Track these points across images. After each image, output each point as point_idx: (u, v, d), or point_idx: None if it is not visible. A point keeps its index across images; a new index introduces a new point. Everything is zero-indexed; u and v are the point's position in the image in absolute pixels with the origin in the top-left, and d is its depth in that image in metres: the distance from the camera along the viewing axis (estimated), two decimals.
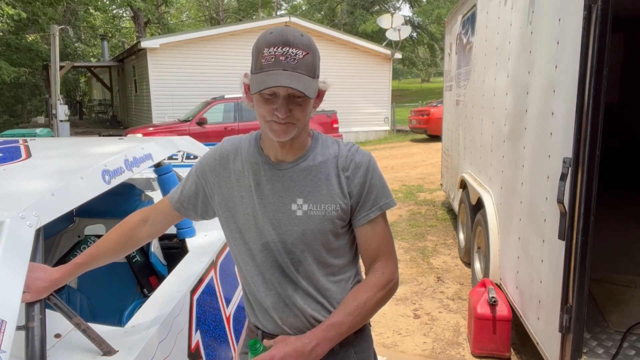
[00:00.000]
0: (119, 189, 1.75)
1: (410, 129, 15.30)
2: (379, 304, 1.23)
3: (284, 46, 1.08)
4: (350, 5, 32.11)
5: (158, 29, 31.11)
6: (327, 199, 1.20)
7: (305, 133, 1.24)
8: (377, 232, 1.25)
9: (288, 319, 1.24)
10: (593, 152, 1.99)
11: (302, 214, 1.20)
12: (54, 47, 11.28)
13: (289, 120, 1.13)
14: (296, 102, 1.12)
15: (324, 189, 1.20)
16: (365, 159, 1.24)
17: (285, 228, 1.20)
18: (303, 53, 1.10)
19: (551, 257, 2.34)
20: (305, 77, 1.10)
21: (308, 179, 1.21)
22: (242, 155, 1.28)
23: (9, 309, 1.00)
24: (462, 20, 5.12)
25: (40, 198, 1.26)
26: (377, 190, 1.24)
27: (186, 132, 10.25)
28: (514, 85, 3.07)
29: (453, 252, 5.09)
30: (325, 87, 1.20)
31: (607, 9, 1.89)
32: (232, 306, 2.07)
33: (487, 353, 3.02)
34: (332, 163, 1.23)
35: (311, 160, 1.23)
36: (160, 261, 2.08)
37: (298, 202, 1.20)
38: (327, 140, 1.28)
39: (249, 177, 1.25)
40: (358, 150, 1.26)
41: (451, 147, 5.94)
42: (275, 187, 1.22)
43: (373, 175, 1.24)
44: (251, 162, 1.26)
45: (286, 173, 1.22)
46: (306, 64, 1.11)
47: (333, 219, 1.20)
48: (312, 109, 1.19)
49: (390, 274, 1.24)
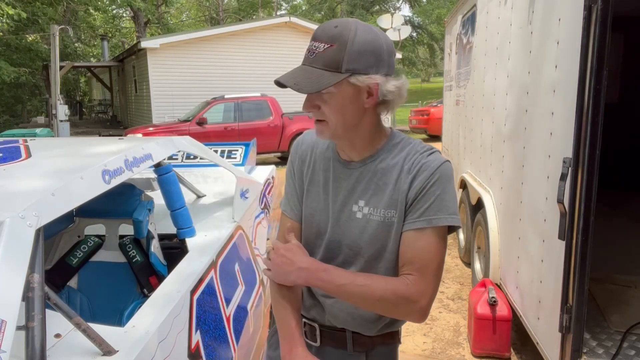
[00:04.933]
0: (119, 189, 1.74)
1: (410, 129, 15.30)
2: (378, 307, 1.12)
3: (312, 40, 1.07)
4: (350, 5, 32.11)
5: (158, 29, 31.10)
6: (388, 204, 1.13)
7: (366, 131, 1.15)
8: (419, 244, 1.11)
9: (331, 311, 1.24)
10: (593, 152, 1.99)
11: (361, 217, 1.16)
12: (54, 47, 11.28)
13: (320, 117, 1.10)
14: (322, 98, 1.08)
15: (387, 193, 1.14)
16: (435, 164, 1.12)
17: (344, 228, 1.18)
18: (325, 46, 1.04)
19: (551, 257, 2.34)
20: (317, 70, 1.04)
21: (373, 182, 1.15)
22: (317, 150, 1.26)
23: (9, 309, 1.00)
24: (462, 20, 5.12)
25: (40, 198, 1.25)
26: (434, 201, 1.10)
27: (186, 132, 10.24)
28: (514, 85, 3.06)
29: (453, 252, 5.09)
30: (366, 82, 1.05)
31: (607, 9, 1.89)
32: (232, 306, 2.07)
33: (487, 353, 3.02)
34: (400, 166, 1.14)
35: (380, 161, 1.16)
36: (160, 261, 2.08)
37: (359, 204, 1.16)
38: (404, 142, 1.18)
39: (319, 172, 1.23)
40: (432, 155, 1.14)
41: (451, 147, 5.94)
42: (340, 186, 1.19)
43: (437, 183, 1.10)
44: (324, 157, 1.24)
45: (354, 172, 1.18)
46: (325, 57, 1.04)
47: (392, 225, 1.14)
48: (357, 107, 1.09)
49: (417, 293, 1.08)
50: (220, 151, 3.49)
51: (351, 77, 1.04)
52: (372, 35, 1.06)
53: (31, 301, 1.11)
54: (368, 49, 1.05)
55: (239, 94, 11.85)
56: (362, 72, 1.04)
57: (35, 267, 1.14)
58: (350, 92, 1.06)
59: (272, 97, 11.56)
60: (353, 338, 1.24)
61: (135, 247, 2.10)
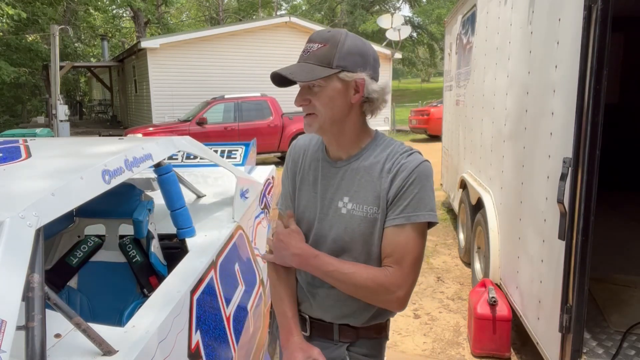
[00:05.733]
0: (119, 189, 1.74)
1: (410, 129, 15.32)
2: (360, 293, 1.20)
3: (307, 43, 1.19)
4: (350, 5, 32.10)
5: (158, 29, 31.09)
6: (371, 201, 1.21)
7: (352, 128, 1.24)
8: (399, 239, 1.19)
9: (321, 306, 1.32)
10: (593, 152, 1.99)
11: (346, 212, 1.23)
12: (54, 47, 11.28)
13: (310, 111, 1.20)
14: (312, 92, 1.18)
15: (369, 190, 1.21)
16: (413, 164, 1.19)
17: (330, 223, 1.25)
18: (318, 45, 1.16)
19: (551, 257, 2.34)
20: (310, 65, 1.15)
21: (356, 179, 1.23)
22: (309, 152, 1.35)
23: (9, 309, 1.00)
24: (462, 20, 5.12)
25: (40, 198, 1.25)
26: (412, 199, 1.18)
27: (186, 132, 10.24)
28: (514, 85, 3.06)
29: (453, 252, 5.09)
30: (353, 78, 1.16)
31: (607, 9, 1.89)
32: (232, 306, 2.07)
33: (487, 353, 3.02)
34: (382, 165, 1.21)
35: (363, 160, 1.24)
36: (160, 261, 2.08)
37: (344, 200, 1.24)
38: (387, 142, 1.26)
39: (310, 172, 1.32)
40: (412, 155, 1.22)
41: (451, 147, 5.94)
42: (328, 184, 1.27)
43: (415, 182, 1.18)
44: (314, 158, 1.33)
45: (340, 171, 1.26)
46: (318, 54, 1.15)
47: (374, 221, 1.21)
48: (344, 102, 1.18)
49: (394, 284, 1.17)
50: (220, 151, 3.49)
51: (340, 73, 1.15)
52: (360, 42, 1.20)
53: (31, 301, 1.11)
54: (356, 51, 1.17)
55: (239, 94, 11.85)
56: (350, 70, 1.16)
57: (35, 267, 1.14)
58: (338, 87, 1.17)
59: (272, 97, 11.56)
60: (340, 330, 1.32)
61: (135, 247, 2.10)
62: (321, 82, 1.16)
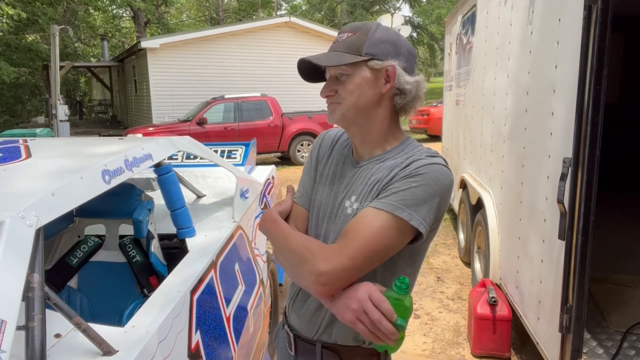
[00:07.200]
0: (119, 189, 1.74)
1: (410, 128, 15.30)
2: (290, 258, 1.10)
3: (338, 34, 1.17)
4: (350, 5, 32.09)
5: (158, 29, 31.09)
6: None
7: (379, 125, 1.16)
8: (365, 219, 1.04)
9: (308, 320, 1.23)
10: (593, 152, 1.98)
11: (351, 212, 1.15)
12: (54, 47, 11.27)
13: (334, 100, 1.14)
14: (339, 82, 1.13)
15: (375, 189, 1.13)
16: (428, 161, 1.07)
17: (334, 222, 1.19)
18: (348, 34, 1.13)
19: (551, 257, 2.34)
20: (338, 53, 1.11)
21: (367, 178, 1.16)
22: (336, 145, 1.30)
23: (9, 309, 1.00)
24: (462, 20, 5.12)
25: (40, 198, 1.26)
26: (399, 192, 1.04)
27: (186, 132, 10.24)
28: (514, 85, 3.06)
29: (453, 252, 5.09)
30: (383, 65, 1.09)
31: (607, 9, 1.89)
32: (232, 306, 2.07)
33: (487, 353, 3.02)
34: (398, 167, 1.10)
35: (384, 161, 1.15)
36: (160, 261, 2.08)
37: (351, 200, 1.16)
38: (412, 145, 1.17)
39: (331, 166, 1.26)
40: (433, 157, 1.10)
41: (451, 147, 5.94)
42: (343, 182, 1.22)
43: (419, 176, 1.05)
44: (340, 153, 1.27)
45: (357, 171, 1.19)
46: (347, 42, 1.12)
47: None
48: (373, 92, 1.11)
49: (323, 256, 1.02)
50: (220, 151, 3.49)
51: (370, 62, 1.10)
52: (393, 33, 1.15)
53: (31, 301, 1.11)
54: (387, 40, 1.12)
55: (239, 94, 11.85)
56: (380, 58, 1.10)
57: (35, 267, 1.14)
58: (367, 75, 1.11)
59: (272, 97, 11.56)
60: (322, 353, 1.21)
61: (135, 247, 2.10)
62: (348, 70, 1.10)
